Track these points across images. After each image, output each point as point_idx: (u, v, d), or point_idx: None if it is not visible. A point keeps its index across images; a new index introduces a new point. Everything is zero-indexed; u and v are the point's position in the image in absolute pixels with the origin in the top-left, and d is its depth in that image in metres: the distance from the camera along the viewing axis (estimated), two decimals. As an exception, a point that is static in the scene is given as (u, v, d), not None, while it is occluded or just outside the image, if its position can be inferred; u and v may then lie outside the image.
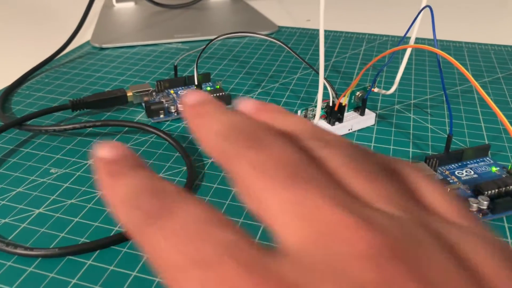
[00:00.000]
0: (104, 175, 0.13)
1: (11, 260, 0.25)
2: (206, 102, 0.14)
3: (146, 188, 0.12)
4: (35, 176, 0.31)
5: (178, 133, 0.36)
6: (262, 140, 0.12)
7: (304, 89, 0.43)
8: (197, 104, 0.14)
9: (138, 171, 0.12)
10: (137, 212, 0.11)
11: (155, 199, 0.11)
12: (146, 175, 0.12)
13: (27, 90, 0.44)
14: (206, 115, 0.14)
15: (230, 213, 0.28)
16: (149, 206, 0.11)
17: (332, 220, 0.10)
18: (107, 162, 0.13)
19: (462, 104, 0.40)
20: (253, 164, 0.11)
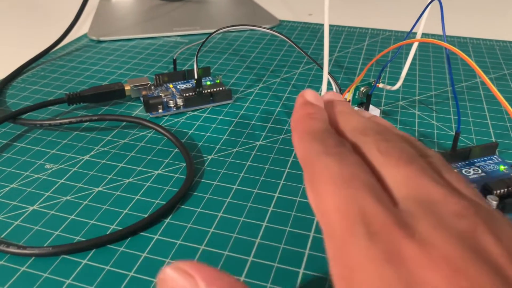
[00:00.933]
0: (302, 108, 0.19)
1: (4, 259, 0.24)
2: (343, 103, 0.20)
3: (332, 135, 0.17)
4: (29, 172, 0.30)
5: (177, 128, 0.35)
6: (387, 135, 0.17)
7: (306, 84, 0.42)
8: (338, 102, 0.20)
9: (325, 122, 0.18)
10: (322, 146, 0.17)
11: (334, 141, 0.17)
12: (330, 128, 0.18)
13: (22, 83, 0.43)
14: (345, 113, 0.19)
15: (231, 211, 0.27)
16: (331, 144, 0.17)
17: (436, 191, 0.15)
18: (308, 102, 0.19)
19: (467, 101, 0.40)
20: (380, 149, 0.16)
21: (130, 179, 0.30)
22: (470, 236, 0.13)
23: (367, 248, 0.13)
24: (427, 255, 0.12)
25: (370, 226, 0.14)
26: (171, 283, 0.14)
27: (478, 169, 0.30)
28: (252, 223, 0.26)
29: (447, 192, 0.14)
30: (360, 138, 0.17)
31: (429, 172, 0.15)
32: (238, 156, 0.32)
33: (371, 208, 0.14)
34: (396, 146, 0.16)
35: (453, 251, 0.12)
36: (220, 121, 0.36)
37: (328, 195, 0.15)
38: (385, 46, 0.52)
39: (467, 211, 0.14)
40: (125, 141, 0.34)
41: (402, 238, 0.13)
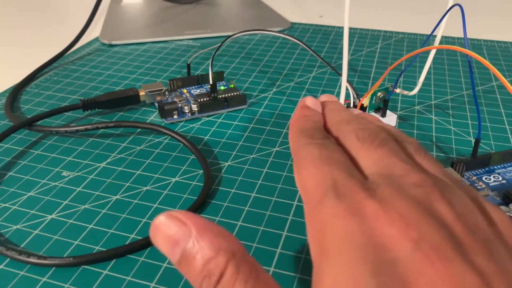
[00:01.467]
0: (300, 110, 0.22)
1: (24, 270, 0.24)
2: (334, 102, 0.23)
3: (319, 131, 0.20)
4: (46, 180, 0.30)
5: (192, 134, 0.35)
6: (366, 125, 0.20)
7: (321, 89, 0.42)
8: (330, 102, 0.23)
9: (318, 123, 0.21)
10: (309, 138, 0.20)
11: (320, 135, 0.20)
12: (319, 126, 0.21)
13: (36, 89, 0.43)
14: (334, 110, 0.22)
15: (249, 220, 0.27)
16: (316, 137, 0.20)
17: (400, 167, 0.17)
18: (306, 106, 0.22)
19: (484, 105, 0.39)
20: (358, 136, 0.19)
21: (148, 186, 0.30)
22: (424, 200, 0.15)
23: (335, 207, 0.16)
24: (386, 212, 0.15)
25: (339, 190, 0.16)
26: (164, 229, 0.15)
27: (499, 176, 0.30)
28: (272, 232, 0.26)
29: (410, 168, 0.17)
30: (343, 128, 0.20)
31: (398, 153, 0.18)
32: (255, 163, 0.32)
33: (342, 179, 0.17)
34: (372, 133, 0.19)
35: (407, 210, 0.15)
36: (235, 126, 0.36)
37: (308, 172, 0.18)
38: (398, 49, 0.51)
39: (425, 182, 0.16)
40: (141, 147, 0.33)
41: (365, 198, 0.15)
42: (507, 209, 0.26)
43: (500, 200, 0.27)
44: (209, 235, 0.15)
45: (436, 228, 0.14)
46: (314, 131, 0.20)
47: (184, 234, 0.15)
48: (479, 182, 0.29)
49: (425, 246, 0.14)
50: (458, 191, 0.16)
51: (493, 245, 0.14)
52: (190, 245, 0.15)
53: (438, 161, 0.20)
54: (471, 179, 0.29)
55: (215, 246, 0.15)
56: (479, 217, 0.15)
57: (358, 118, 0.21)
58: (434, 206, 0.15)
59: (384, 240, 0.14)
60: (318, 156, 0.18)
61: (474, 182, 0.29)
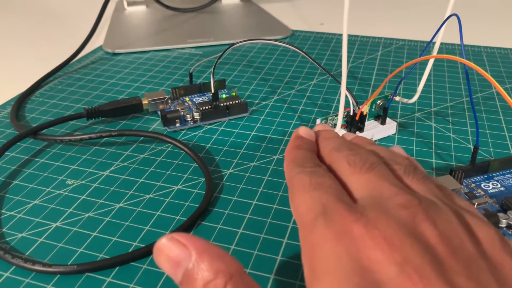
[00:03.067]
0: (293, 141, 0.23)
1: (29, 277, 0.24)
2: (327, 131, 0.24)
3: (310, 159, 0.21)
4: (51, 188, 0.31)
5: (194, 142, 0.36)
6: (356, 150, 0.21)
7: (321, 96, 0.43)
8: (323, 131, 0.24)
9: (310, 151, 0.22)
10: (299, 167, 0.21)
11: (311, 163, 0.21)
12: (311, 154, 0.22)
13: (40, 97, 0.43)
14: (327, 138, 0.23)
15: (250, 227, 0.27)
16: (308, 165, 0.21)
17: (388, 190, 0.18)
18: (300, 137, 0.24)
19: (484, 112, 0.39)
20: (349, 162, 0.20)
21: (151, 194, 0.30)
22: (409, 222, 0.16)
23: (324, 230, 0.16)
24: (371, 235, 0.16)
25: (328, 214, 0.17)
26: (166, 251, 0.16)
27: (497, 183, 0.30)
28: (273, 239, 0.26)
29: (397, 190, 0.18)
30: (335, 156, 0.21)
31: (387, 176, 0.19)
32: (256, 171, 0.32)
33: (331, 203, 0.18)
34: (362, 158, 0.20)
35: (391, 232, 0.16)
36: (236, 134, 0.37)
37: (300, 198, 0.19)
38: (398, 56, 0.52)
39: (410, 203, 0.17)
40: (144, 155, 0.34)
41: (352, 222, 0.16)
42: (506, 216, 0.26)
43: (499, 207, 0.28)
44: (208, 257, 0.16)
45: (419, 250, 0.15)
46: (305, 160, 0.21)
47: (185, 256, 0.16)
48: (477, 189, 0.29)
49: (408, 269, 0.14)
50: (445, 210, 0.17)
51: (475, 264, 0.15)
52: (191, 266, 0.16)
53: (430, 177, 0.20)
54: (470, 186, 0.30)
55: (214, 268, 0.16)
56: (463, 236, 0.16)
57: (349, 144, 0.22)
58: (418, 227, 0.16)
59: (370, 263, 0.15)
60: (308, 183, 0.19)
61: (473, 189, 0.29)
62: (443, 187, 0.20)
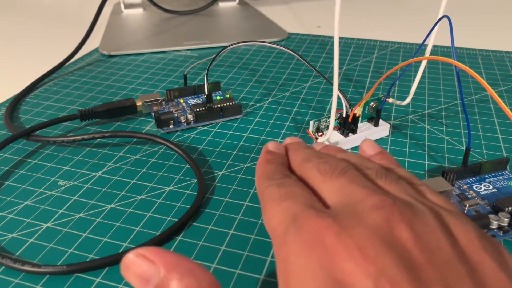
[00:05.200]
0: (263, 155, 0.23)
1: (19, 278, 0.24)
2: (296, 144, 0.24)
3: (279, 172, 0.21)
4: (43, 189, 0.31)
5: (188, 143, 0.36)
6: (325, 158, 0.21)
7: (316, 98, 0.43)
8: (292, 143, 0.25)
9: (279, 165, 0.22)
10: (269, 180, 0.21)
11: (280, 175, 0.21)
12: (280, 167, 0.22)
13: (35, 99, 0.43)
14: (296, 150, 0.23)
15: (241, 228, 0.27)
16: (276, 177, 0.21)
17: (359, 192, 0.18)
18: (269, 151, 0.24)
19: (478, 115, 0.39)
20: (319, 170, 0.20)
21: (142, 195, 0.30)
22: (383, 225, 0.16)
23: (296, 241, 0.16)
24: (344, 244, 0.15)
25: (297, 222, 0.17)
26: (134, 268, 0.16)
27: (489, 185, 0.30)
28: (263, 240, 0.26)
29: (369, 192, 0.17)
30: (305, 165, 0.21)
31: (358, 179, 0.19)
32: (248, 172, 0.32)
33: (301, 211, 0.17)
34: (332, 165, 0.20)
35: (365, 240, 0.15)
36: (230, 136, 0.37)
37: (270, 211, 0.19)
38: (394, 58, 0.52)
39: (384, 203, 0.16)
40: (137, 157, 0.34)
41: (323, 229, 0.16)
42: (496, 218, 0.26)
43: (490, 209, 0.28)
44: (178, 274, 0.15)
45: (394, 259, 0.14)
46: (274, 173, 0.21)
47: (154, 272, 0.15)
48: (469, 191, 0.29)
49: (383, 282, 0.14)
50: (421, 209, 0.17)
51: (453, 269, 0.15)
52: (160, 283, 0.15)
53: (408, 176, 0.20)
54: (461, 187, 0.30)
55: (184, 285, 0.15)
56: (441, 237, 0.15)
57: (318, 153, 0.22)
58: (394, 230, 0.15)
59: (343, 276, 0.14)
60: (277, 195, 0.19)
61: (465, 191, 0.29)
62: (417, 185, 0.20)
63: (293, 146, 0.24)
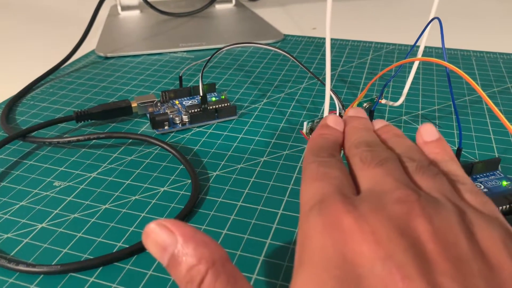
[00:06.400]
0: (319, 129, 0.24)
1: (13, 277, 0.24)
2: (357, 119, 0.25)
3: (327, 149, 0.22)
4: (38, 190, 0.31)
5: (182, 144, 0.36)
6: (372, 147, 0.21)
7: (310, 99, 0.43)
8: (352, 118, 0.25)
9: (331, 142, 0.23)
10: (314, 156, 0.21)
11: (326, 153, 0.21)
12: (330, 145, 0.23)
13: (31, 101, 0.44)
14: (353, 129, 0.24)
15: (234, 228, 0.27)
16: (322, 155, 0.21)
17: (390, 184, 0.18)
18: (326, 125, 0.24)
19: (471, 115, 0.40)
20: (361, 158, 0.21)
21: (137, 196, 0.30)
22: (402, 217, 0.16)
23: (315, 221, 0.17)
24: (360, 228, 0.16)
25: (322, 205, 0.17)
26: (154, 236, 0.17)
27: (481, 184, 0.30)
28: (256, 240, 0.26)
29: (398, 185, 0.18)
30: (352, 151, 0.22)
31: (394, 172, 0.19)
32: (242, 173, 0.32)
33: (330, 194, 0.18)
34: (373, 155, 0.20)
35: (380, 227, 0.16)
36: (225, 137, 0.37)
37: (304, 187, 0.20)
38: (388, 60, 0.52)
39: (408, 197, 0.17)
40: (132, 158, 0.34)
41: (343, 213, 0.17)
42: (487, 217, 0.26)
43: (481, 208, 0.28)
44: (193, 244, 0.17)
45: (405, 247, 0.15)
46: (320, 150, 0.22)
47: (172, 241, 0.17)
48: (461, 190, 0.30)
49: (391, 265, 0.14)
50: (446, 207, 0.17)
51: (465, 265, 0.14)
52: (176, 252, 0.17)
53: (453, 169, 0.20)
54: (453, 187, 0.30)
55: (197, 255, 0.16)
56: (459, 234, 0.16)
57: (370, 139, 0.22)
58: (412, 222, 0.16)
59: (354, 256, 0.15)
60: (315, 173, 0.20)
61: (456, 191, 0.30)
62: (459, 182, 0.19)
63: (353, 123, 0.24)
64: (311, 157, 0.21)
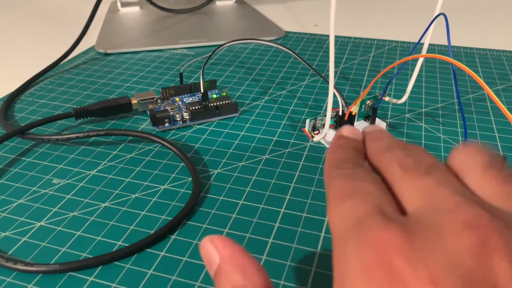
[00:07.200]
0: (335, 141, 0.20)
1: (11, 276, 0.24)
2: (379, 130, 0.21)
3: (350, 159, 0.18)
4: (37, 187, 0.31)
5: (183, 142, 0.35)
6: (411, 150, 0.17)
7: (312, 97, 0.43)
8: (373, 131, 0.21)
9: (352, 151, 0.19)
10: (336, 170, 0.18)
11: (350, 164, 0.18)
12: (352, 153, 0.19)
13: (30, 97, 0.43)
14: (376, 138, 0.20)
15: (235, 227, 0.27)
16: (346, 166, 0.17)
17: (449, 200, 0.14)
18: (342, 136, 0.20)
19: (475, 113, 0.39)
20: (401, 164, 0.16)
21: (137, 194, 0.30)
22: (473, 252, 0.12)
23: (355, 257, 0.13)
24: (414, 273, 0.12)
25: (362, 231, 0.14)
26: (206, 249, 0.17)
27: (486, 183, 0.30)
28: (258, 239, 0.26)
29: (462, 201, 0.13)
30: (385, 156, 0.18)
31: (449, 183, 0.15)
32: (244, 171, 0.32)
33: (367, 216, 0.14)
34: (417, 160, 0.16)
35: (443, 274, 0.12)
36: (226, 134, 0.36)
37: (333, 209, 0.16)
38: (391, 57, 0.52)
39: (479, 221, 0.12)
40: (132, 155, 0.34)
41: (391, 247, 0.13)
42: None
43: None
44: (230, 267, 0.17)
45: None
46: (344, 161, 0.18)
47: (214, 259, 0.17)
48: (466, 189, 0.29)
49: None
50: None
51: None
52: (217, 271, 0.17)
53: None
54: (458, 186, 0.29)
55: (230, 280, 0.16)
56: None
57: (403, 144, 0.18)
58: (485, 262, 0.12)
59: None
60: (343, 190, 0.16)
61: (461, 190, 0.29)
62: None
63: (374, 134, 0.20)
64: (333, 170, 0.18)
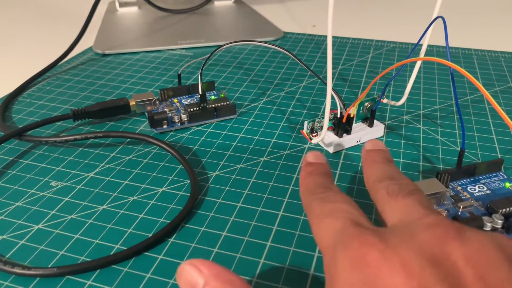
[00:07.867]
0: (304, 167, 0.24)
1: (8, 280, 0.24)
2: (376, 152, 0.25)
3: (321, 185, 0.22)
4: (34, 190, 0.31)
5: (181, 144, 0.35)
6: (397, 180, 0.21)
7: (311, 98, 0.43)
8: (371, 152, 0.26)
9: (321, 176, 0.23)
10: (311, 195, 0.21)
11: (322, 189, 0.22)
12: (321, 179, 0.23)
13: (28, 98, 0.43)
14: (373, 164, 0.24)
15: (234, 230, 0.27)
16: (319, 192, 0.21)
17: (420, 212, 0.18)
18: (309, 163, 0.24)
19: (473, 115, 0.39)
20: (388, 191, 0.20)
21: (135, 196, 0.30)
22: (435, 242, 0.15)
23: (343, 258, 0.16)
24: (387, 261, 0.15)
25: (344, 241, 0.17)
26: (185, 274, 0.18)
27: (484, 186, 0.30)
28: (256, 242, 0.26)
29: (429, 212, 0.17)
30: (376, 186, 0.22)
31: (424, 202, 0.19)
32: (242, 173, 0.32)
33: (345, 228, 0.17)
34: (400, 187, 0.20)
35: (410, 258, 0.15)
36: (224, 136, 0.36)
37: (315, 228, 0.19)
38: (389, 58, 0.52)
39: (441, 222, 0.16)
40: (130, 157, 0.34)
41: (368, 247, 0.16)
42: (490, 219, 0.26)
43: (484, 211, 0.28)
44: (219, 283, 0.18)
45: (440, 275, 0.14)
46: (315, 187, 0.22)
47: (200, 279, 0.18)
48: (463, 192, 0.29)
49: None
50: (481, 233, 0.16)
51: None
52: (210, 283, 0.18)
53: None
54: (456, 189, 0.30)
55: (228, 286, 0.17)
56: (496, 256, 0.15)
57: (392, 173, 0.22)
58: (445, 246, 0.15)
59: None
60: (320, 211, 0.20)
61: (459, 192, 0.29)
62: None
63: (370, 156, 0.24)
64: (309, 196, 0.21)
